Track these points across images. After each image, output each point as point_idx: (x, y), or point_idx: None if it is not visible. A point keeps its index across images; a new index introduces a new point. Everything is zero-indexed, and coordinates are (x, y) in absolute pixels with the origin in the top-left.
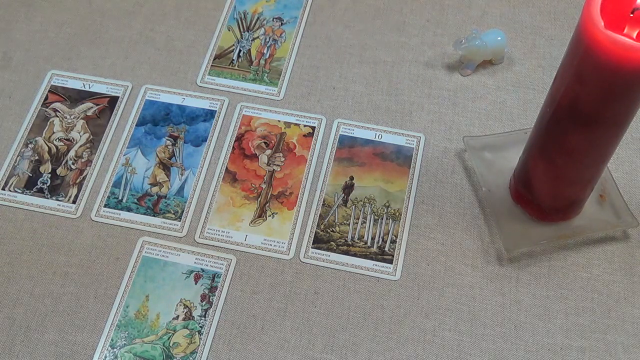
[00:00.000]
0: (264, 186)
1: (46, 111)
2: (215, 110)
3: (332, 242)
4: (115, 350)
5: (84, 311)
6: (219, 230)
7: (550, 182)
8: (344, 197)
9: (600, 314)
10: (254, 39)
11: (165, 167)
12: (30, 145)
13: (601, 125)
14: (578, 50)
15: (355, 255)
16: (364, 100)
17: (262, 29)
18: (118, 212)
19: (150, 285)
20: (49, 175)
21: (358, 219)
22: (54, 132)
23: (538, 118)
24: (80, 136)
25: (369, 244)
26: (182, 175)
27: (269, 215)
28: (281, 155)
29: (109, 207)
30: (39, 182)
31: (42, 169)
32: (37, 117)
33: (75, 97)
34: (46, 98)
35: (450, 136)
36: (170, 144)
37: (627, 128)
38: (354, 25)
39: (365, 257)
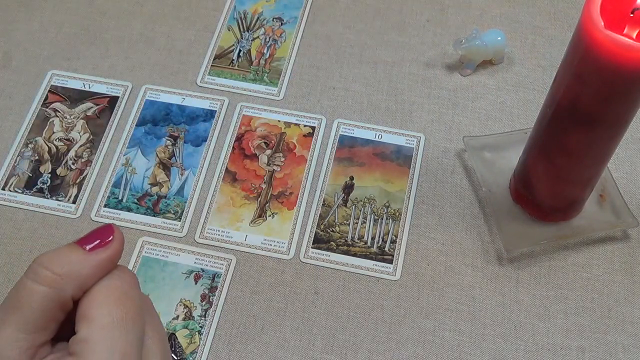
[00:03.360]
0: (264, 186)
1: (46, 111)
2: (215, 110)
3: (332, 242)
4: None
5: None
6: (219, 230)
7: (550, 182)
8: (344, 197)
9: (600, 314)
10: (254, 39)
11: (165, 167)
12: (30, 145)
13: (601, 125)
14: (578, 50)
15: (355, 255)
16: (364, 100)
17: (262, 29)
18: (118, 212)
19: (150, 285)
20: (49, 175)
21: (358, 219)
22: (54, 132)
23: (538, 118)
24: (80, 136)
25: (369, 244)
26: (182, 175)
27: (269, 215)
28: (281, 155)
29: (109, 207)
30: (39, 182)
31: (42, 169)
32: (37, 117)
33: (75, 97)
34: (46, 98)
35: (450, 136)
36: (170, 144)
37: (627, 128)
38: (354, 25)
39: (365, 257)
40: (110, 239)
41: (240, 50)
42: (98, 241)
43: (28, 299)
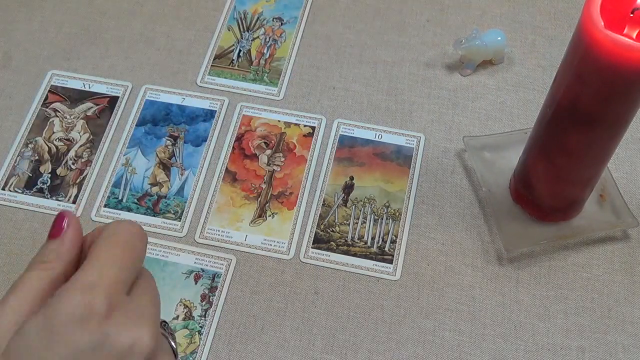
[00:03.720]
0: (264, 186)
1: (46, 111)
2: (215, 110)
3: (332, 242)
4: None
5: None
6: (219, 230)
7: (550, 182)
8: (344, 197)
9: (600, 314)
10: (254, 39)
11: (165, 167)
12: (30, 145)
13: (601, 125)
14: (578, 50)
15: (355, 255)
16: (364, 100)
17: (262, 29)
18: (118, 212)
19: None
20: (49, 175)
21: (358, 219)
22: (54, 132)
23: (538, 118)
24: (80, 136)
25: (369, 244)
26: (182, 175)
27: (269, 215)
28: (281, 155)
29: (109, 207)
30: (39, 182)
31: (42, 169)
32: (37, 117)
33: (75, 97)
34: (46, 98)
35: (450, 136)
36: (170, 144)
37: (627, 128)
38: (354, 25)
39: (365, 257)
40: (66, 220)
41: (240, 50)
42: (59, 226)
43: (26, 280)
